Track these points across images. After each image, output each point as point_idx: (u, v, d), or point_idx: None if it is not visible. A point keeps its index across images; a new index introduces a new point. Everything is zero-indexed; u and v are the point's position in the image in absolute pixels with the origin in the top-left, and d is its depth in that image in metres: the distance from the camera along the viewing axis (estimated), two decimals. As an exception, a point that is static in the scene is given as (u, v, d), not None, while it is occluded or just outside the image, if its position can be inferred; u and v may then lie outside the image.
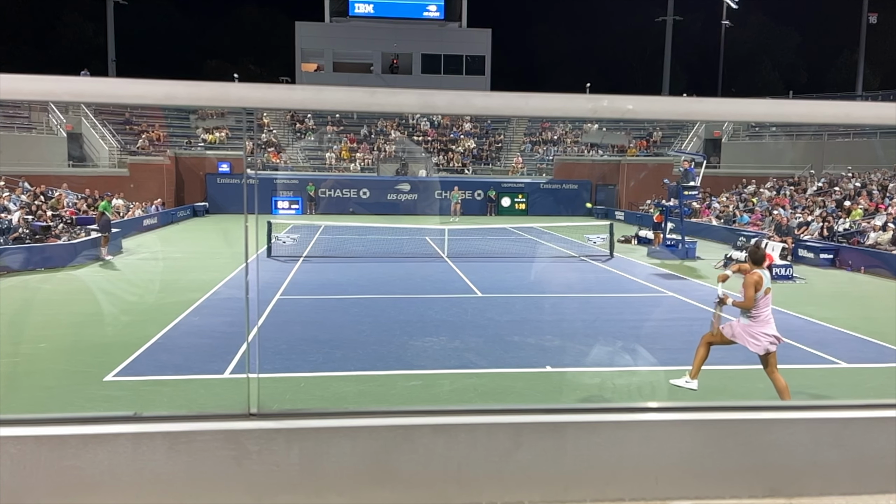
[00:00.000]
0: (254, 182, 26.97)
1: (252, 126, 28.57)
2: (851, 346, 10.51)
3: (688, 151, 34.17)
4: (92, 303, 13.58)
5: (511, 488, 2.37)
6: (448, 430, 2.37)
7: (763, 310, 7.05)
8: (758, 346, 7.10)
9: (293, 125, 44.23)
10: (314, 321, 11.97)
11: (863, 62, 48.92)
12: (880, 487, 2.44)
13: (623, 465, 2.41)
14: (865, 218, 22.33)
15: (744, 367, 9.41)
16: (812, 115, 2.30)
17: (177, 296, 13.41)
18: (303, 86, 2.14)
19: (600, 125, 43.56)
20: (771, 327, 7.09)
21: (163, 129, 40.87)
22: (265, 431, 2.30)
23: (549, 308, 13.61)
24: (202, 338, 10.42)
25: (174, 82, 2.02)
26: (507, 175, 41.61)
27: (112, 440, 2.24)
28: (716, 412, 2.53)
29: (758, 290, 6.95)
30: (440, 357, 9.60)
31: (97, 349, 9.74)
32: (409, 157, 42.20)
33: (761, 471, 2.48)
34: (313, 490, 2.32)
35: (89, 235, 19.12)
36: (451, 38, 52.46)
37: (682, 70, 66.09)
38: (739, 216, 27.92)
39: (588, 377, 8.90)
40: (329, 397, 7.96)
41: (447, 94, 2.06)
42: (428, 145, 43.86)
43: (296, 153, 42.00)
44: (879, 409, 2.53)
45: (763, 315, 7.04)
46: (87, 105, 34.97)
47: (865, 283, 17.31)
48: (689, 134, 41.70)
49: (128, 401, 7.74)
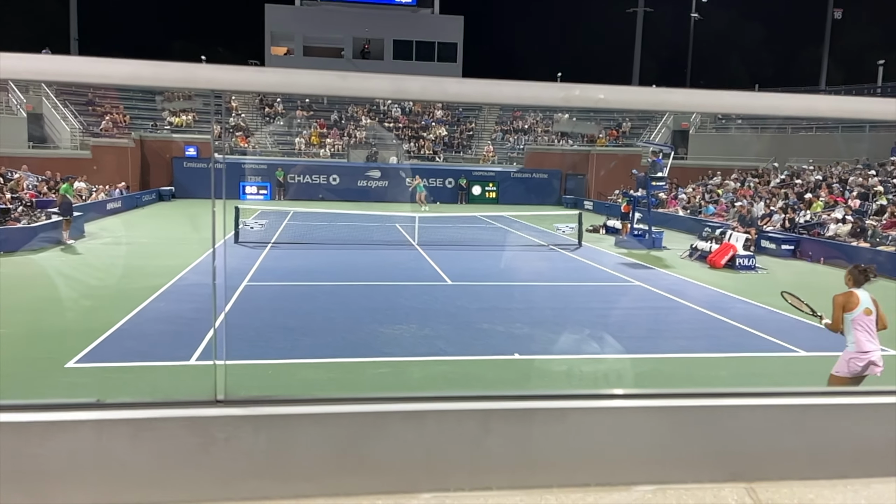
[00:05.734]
0: (221, 167, 26.54)
1: (220, 109, 28.07)
2: (810, 335, 10.78)
3: (656, 142, 34.56)
4: (53, 288, 13.27)
5: (480, 474, 2.38)
6: (417, 417, 2.38)
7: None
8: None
9: (262, 109, 43.60)
10: (282, 308, 11.87)
11: (827, 57, 49.89)
12: (838, 472, 2.51)
13: (590, 451, 2.44)
14: (826, 210, 22.87)
15: (708, 354, 9.61)
16: (778, 107, 2.33)
17: (142, 281, 13.18)
18: (273, 68, 2.10)
19: (571, 115, 43.78)
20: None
21: (128, 111, 39.97)
22: (232, 418, 2.28)
23: (518, 296, 13.70)
24: (168, 324, 10.26)
25: (140, 62, 1.97)
26: (478, 163, 41.64)
27: (74, 427, 2.20)
28: (680, 399, 2.57)
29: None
30: (410, 344, 9.61)
31: (58, 335, 9.53)
32: (379, 143, 41.93)
33: (723, 456, 2.53)
34: (281, 477, 2.31)
35: (50, 219, 18.65)
36: (423, 24, 52.10)
37: (652, 62, 66.67)
38: (705, 207, 28.37)
39: (556, 364, 9.00)
40: (297, 384, 7.92)
41: (420, 79, 2.05)
42: (399, 132, 43.63)
43: (264, 138, 41.43)
44: (837, 396, 2.60)
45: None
46: (49, 84, 33.97)
47: (825, 274, 17.75)
48: (658, 125, 42.15)
49: (91, 388, 7.60)
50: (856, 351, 6.25)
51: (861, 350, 6.23)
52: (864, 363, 6.24)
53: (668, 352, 9.66)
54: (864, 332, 6.24)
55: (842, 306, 6.34)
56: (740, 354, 9.71)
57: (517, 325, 10.76)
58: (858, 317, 6.26)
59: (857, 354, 6.25)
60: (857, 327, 6.25)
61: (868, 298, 6.35)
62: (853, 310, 6.28)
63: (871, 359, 6.23)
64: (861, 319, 6.26)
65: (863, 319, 6.26)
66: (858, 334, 6.23)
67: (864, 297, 6.36)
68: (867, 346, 6.22)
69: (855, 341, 6.25)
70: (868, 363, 6.24)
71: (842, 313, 6.32)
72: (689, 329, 11.17)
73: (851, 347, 6.28)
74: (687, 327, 11.30)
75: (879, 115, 2.57)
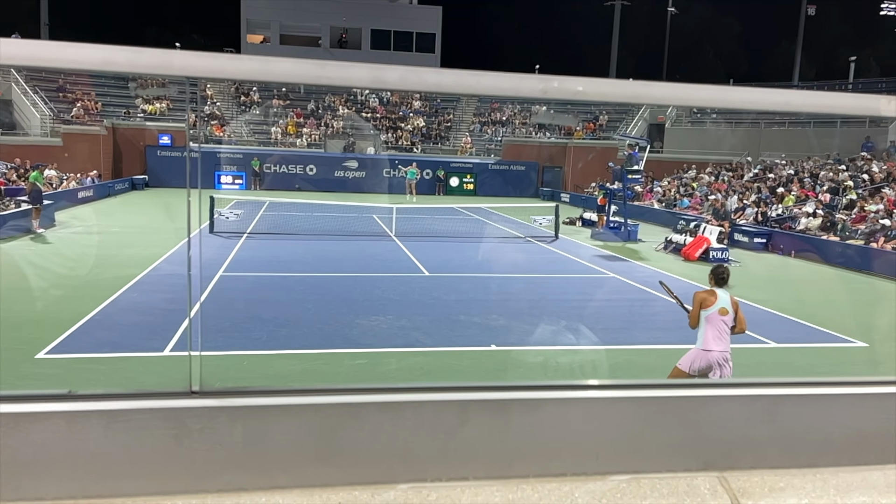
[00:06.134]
0: (196, 155, 26.18)
1: (195, 97, 27.66)
2: (781, 328, 10.98)
3: (633, 136, 34.82)
4: (22, 277, 13.02)
5: (457, 465, 2.39)
6: (394, 408, 2.37)
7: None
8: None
9: (238, 98, 43.07)
10: (258, 299, 11.79)
11: (800, 53, 50.59)
12: (807, 462, 2.56)
13: (566, 441, 2.46)
14: (797, 204, 23.25)
15: (682, 346, 9.73)
16: (753, 101, 2.36)
17: (114, 271, 12.98)
18: (250, 56, 2.07)
19: (549, 107, 43.89)
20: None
21: (100, 98, 39.24)
22: (207, 409, 2.26)
23: (495, 288, 13.74)
24: (141, 314, 10.13)
25: (113, 47, 1.92)
26: (455, 155, 41.61)
27: (45, 419, 2.16)
28: (654, 389, 2.60)
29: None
30: (387, 336, 9.60)
31: (28, 325, 9.36)
32: (357, 133, 41.68)
33: (696, 446, 2.57)
34: (257, 468, 2.30)
35: (19, 207, 18.28)
36: (401, 14, 51.81)
37: (628, 55, 67.07)
38: (680, 200, 28.68)
39: (532, 355, 9.05)
40: (273, 375, 7.88)
41: (399, 69, 2.03)
42: (377, 122, 43.40)
43: (240, 127, 40.95)
44: (808, 387, 2.65)
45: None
46: (18, 70, 33.20)
47: (796, 267, 18.07)
48: (635, 118, 42.45)
49: (62, 379, 7.48)
50: (700, 348, 6.26)
51: (705, 348, 6.22)
52: (706, 362, 6.21)
53: (642, 343, 9.78)
54: (713, 331, 6.24)
55: (700, 303, 6.34)
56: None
57: (494, 316, 10.80)
58: (712, 315, 6.25)
59: (700, 352, 6.26)
60: (708, 325, 6.26)
61: (728, 299, 6.35)
62: (709, 307, 6.28)
63: (715, 359, 6.19)
64: (714, 318, 6.25)
65: (716, 318, 6.25)
66: (707, 332, 6.24)
67: (724, 297, 6.36)
68: (711, 345, 6.21)
69: (703, 338, 6.26)
70: (710, 363, 6.20)
71: (699, 309, 6.32)
72: (664, 321, 11.30)
73: (698, 344, 6.30)
74: (661, 319, 11.43)
75: (853, 110, 2.61)
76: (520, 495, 2.29)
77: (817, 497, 2.37)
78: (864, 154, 27.89)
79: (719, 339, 6.23)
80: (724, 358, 6.22)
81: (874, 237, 17.94)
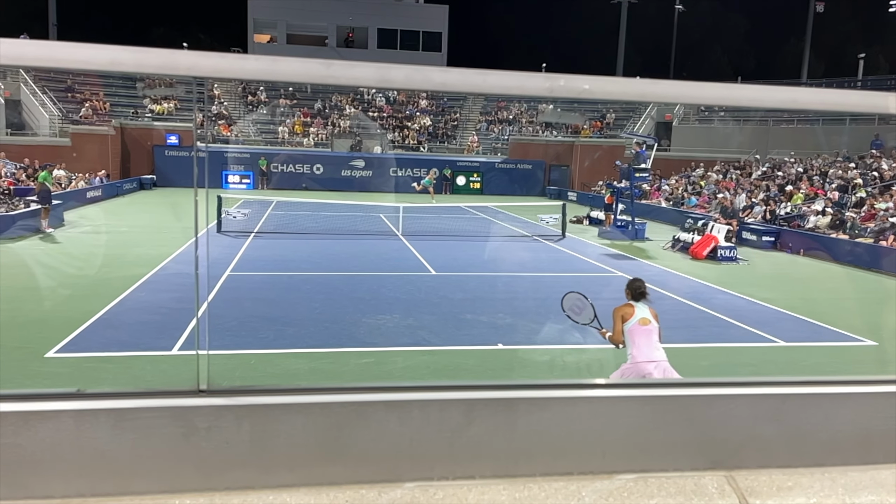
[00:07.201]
0: (203, 155, 26.24)
1: (202, 97, 27.78)
2: (789, 326, 10.93)
3: (640, 134, 34.71)
4: (31, 277, 13.10)
5: (463, 463, 2.39)
6: (401, 407, 2.38)
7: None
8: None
9: (245, 97, 43.17)
10: (265, 298, 11.82)
11: (808, 50, 50.31)
12: (816, 461, 2.55)
13: (572, 440, 2.46)
14: (806, 202, 23.13)
15: (689, 344, 9.71)
16: (761, 99, 2.35)
17: (122, 270, 13.05)
18: (256, 56, 2.08)
19: (555, 105, 43.81)
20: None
21: (108, 98, 39.41)
22: (215, 408, 2.27)
23: (501, 287, 13.73)
24: (149, 314, 10.17)
25: (120, 48, 1.93)
26: (462, 154, 41.58)
27: (54, 417, 2.18)
28: (661, 388, 2.59)
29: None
30: (393, 334, 9.61)
31: (37, 325, 9.42)
32: (363, 133, 41.70)
33: (703, 445, 2.56)
34: (264, 467, 2.30)
35: (28, 207, 18.39)
36: (407, 13, 51.81)
37: (635, 53, 66.82)
38: (688, 199, 28.57)
39: (539, 354, 9.04)
40: (281, 374, 7.89)
41: (405, 68, 2.03)
42: (383, 122, 43.42)
43: (247, 126, 41.05)
44: (815, 386, 2.63)
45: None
46: (27, 70, 33.38)
47: (804, 266, 17.97)
48: (642, 116, 42.31)
49: (71, 377, 7.53)
50: (630, 363, 6.03)
51: (634, 361, 6.00)
52: (638, 374, 5.96)
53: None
54: (639, 343, 6.04)
55: (620, 317, 6.15)
56: (721, 344, 9.83)
57: (500, 315, 10.79)
58: (634, 327, 6.07)
59: (630, 366, 6.04)
60: (633, 338, 6.06)
61: (646, 310, 6.16)
62: (629, 320, 6.10)
63: (648, 370, 5.94)
64: (636, 330, 6.06)
65: (638, 330, 6.06)
66: (634, 346, 6.04)
67: (643, 308, 6.19)
68: (640, 358, 5.99)
69: (631, 353, 6.04)
70: (642, 374, 5.94)
71: (621, 324, 6.12)
72: (671, 319, 11.25)
73: (628, 358, 6.07)
74: (669, 318, 11.37)
75: (861, 107, 2.60)
76: (526, 494, 2.29)
77: (825, 496, 2.36)
78: (873, 151, 27.72)
79: (647, 349, 6.03)
80: (656, 367, 5.99)
81: (884, 235, 17.83)
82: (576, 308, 6.55)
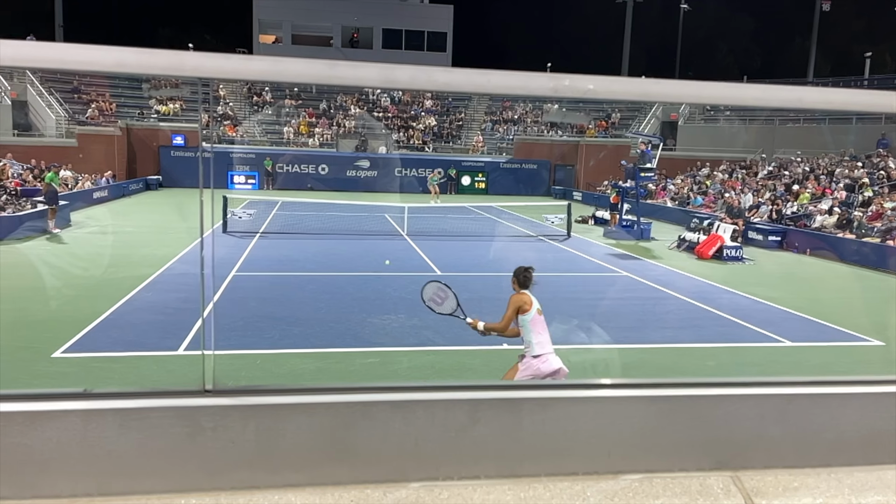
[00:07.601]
0: (209, 155, 26.35)
1: (207, 98, 27.82)
2: (795, 326, 10.89)
3: (645, 133, 34.65)
4: (38, 277, 13.17)
5: (468, 463, 2.40)
6: (406, 407, 2.38)
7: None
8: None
9: (250, 98, 43.27)
10: (271, 298, 11.84)
11: (815, 49, 50.10)
12: (822, 461, 2.54)
13: (577, 440, 2.45)
14: (812, 202, 23.03)
15: (695, 344, 9.69)
16: (767, 98, 2.34)
17: (129, 271, 13.09)
18: (261, 56, 2.09)
19: (560, 105, 43.76)
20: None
21: (114, 99, 39.55)
22: (220, 408, 2.27)
23: (506, 286, 13.68)
24: (155, 314, 10.21)
25: (126, 49, 1.94)
26: (467, 154, 41.58)
27: (61, 417, 2.19)
28: (666, 388, 2.58)
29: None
30: (398, 334, 9.62)
31: (44, 325, 9.46)
32: (369, 133, 41.74)
33: (709, 445, 2.55)
34: (269, 467, 2.31)
35: (35, 208, 18.47)
36: (412, 13, 51.82)
37: (640, 53, 66.69)
38: (693, 198, 28.49)
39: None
40: (286, 374, 7.91)
41: (409, 68, 2.04)
42: (388, 122, 43.45)
43: (253, 127, 41.14)
44: (822, 386, 2.62)
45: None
46: (33, 71, 33.54)
47: (811, 265, 17.90)
48: (647, 116, 42.22)
49: (78, 377, 7.56)
50: (537, 354, 5.95)
51: (543, 352, 5.94)
52: (550, 367, 5.90)
53: (655, 342, 9.73)
54: (542, 333, 5.98)
55: (517, 308, 6.02)
56: (727, 344, 9.80)
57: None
58: (534, 318, 5.98)
59: (537, 358, 5.94)
60: (536, 329, 5.96)
61: (536, 300, 6.09)
62: (528, 311, 5.99)
63: (559, 364, 5.92)
64: (538, 320, 5.99)
65: (538, 320, 5.99)
66: (539, 336, 5.95)
67: (534, 299, 6.11)
68: (547, 349, 5.95)
69: (537, 343, 5.94)
70: (553, 366, 5.91)
71: (516, 315, 6.00)
72: (677, 319, 11.25)
73: (536, 349, 5.95)
74: (674, 317, 11.37)
75: (867, 107, 2.59)
76: (531, 494, 2.29)
77: (832, 496, 2.35)
78: (880, 150, 27.59)
79: (548, 341, 6.00)
80: (555, 358, 5.97)
81: (891, 234, 17.75)
82: (437, 298, 6.38)
